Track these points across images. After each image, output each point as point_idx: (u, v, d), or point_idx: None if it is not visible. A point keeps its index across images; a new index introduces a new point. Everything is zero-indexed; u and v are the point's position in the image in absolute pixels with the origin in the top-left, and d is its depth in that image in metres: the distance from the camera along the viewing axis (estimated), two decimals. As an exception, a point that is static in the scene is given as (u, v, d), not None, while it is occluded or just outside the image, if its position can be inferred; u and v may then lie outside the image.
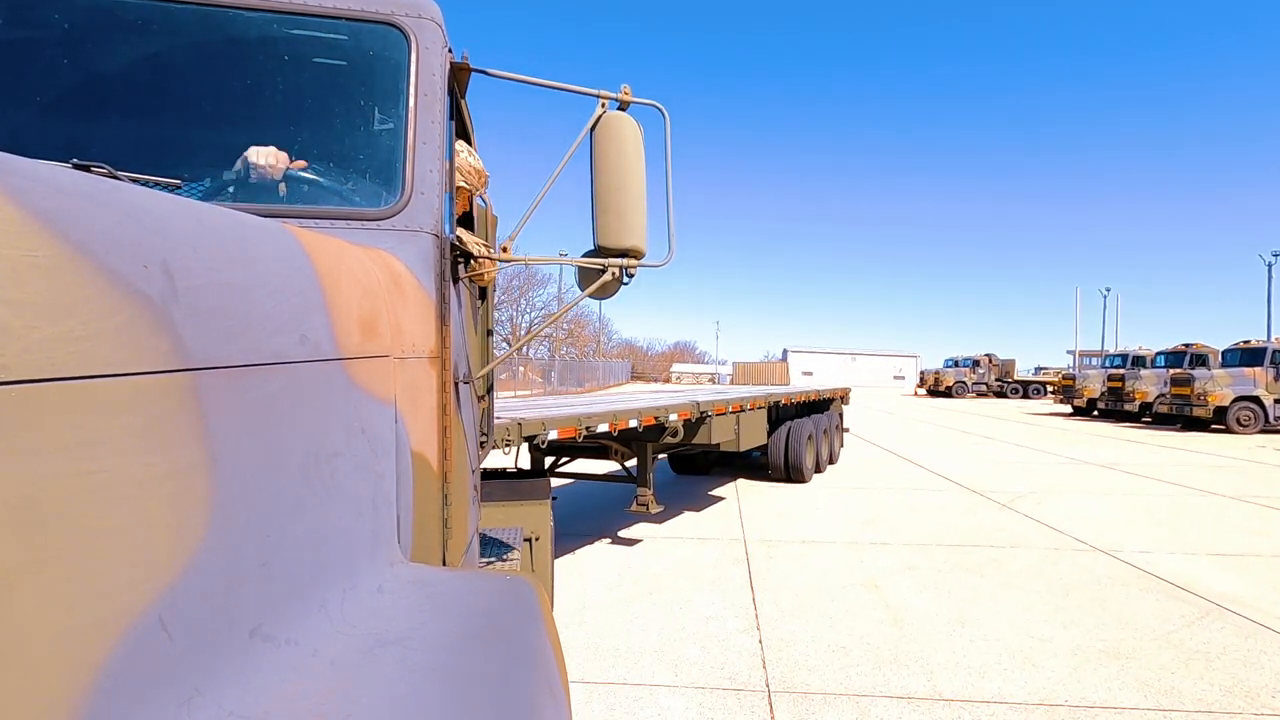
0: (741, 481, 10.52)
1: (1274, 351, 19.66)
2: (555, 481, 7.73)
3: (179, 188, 1.54)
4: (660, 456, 11.17)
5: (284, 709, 0.82)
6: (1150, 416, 23.15)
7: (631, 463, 7.03)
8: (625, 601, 5.16)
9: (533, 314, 54.39)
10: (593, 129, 2.07)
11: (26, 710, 0.59)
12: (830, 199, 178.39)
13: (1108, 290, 47.62)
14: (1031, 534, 7.38)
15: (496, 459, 5.77)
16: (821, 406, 12.26)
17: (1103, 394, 25.58)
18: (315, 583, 1.03)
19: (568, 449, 7.08)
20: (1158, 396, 22.55)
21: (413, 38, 1.81)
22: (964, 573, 5.96)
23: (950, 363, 48.02)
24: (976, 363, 46.51)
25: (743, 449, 8.20)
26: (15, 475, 0.60)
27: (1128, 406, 23.80)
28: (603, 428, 5.67)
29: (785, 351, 74.95)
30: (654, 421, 6.38)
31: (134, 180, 1.31)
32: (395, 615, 1.09)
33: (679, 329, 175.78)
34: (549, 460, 7.23)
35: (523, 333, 55.51)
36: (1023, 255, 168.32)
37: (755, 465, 11.08)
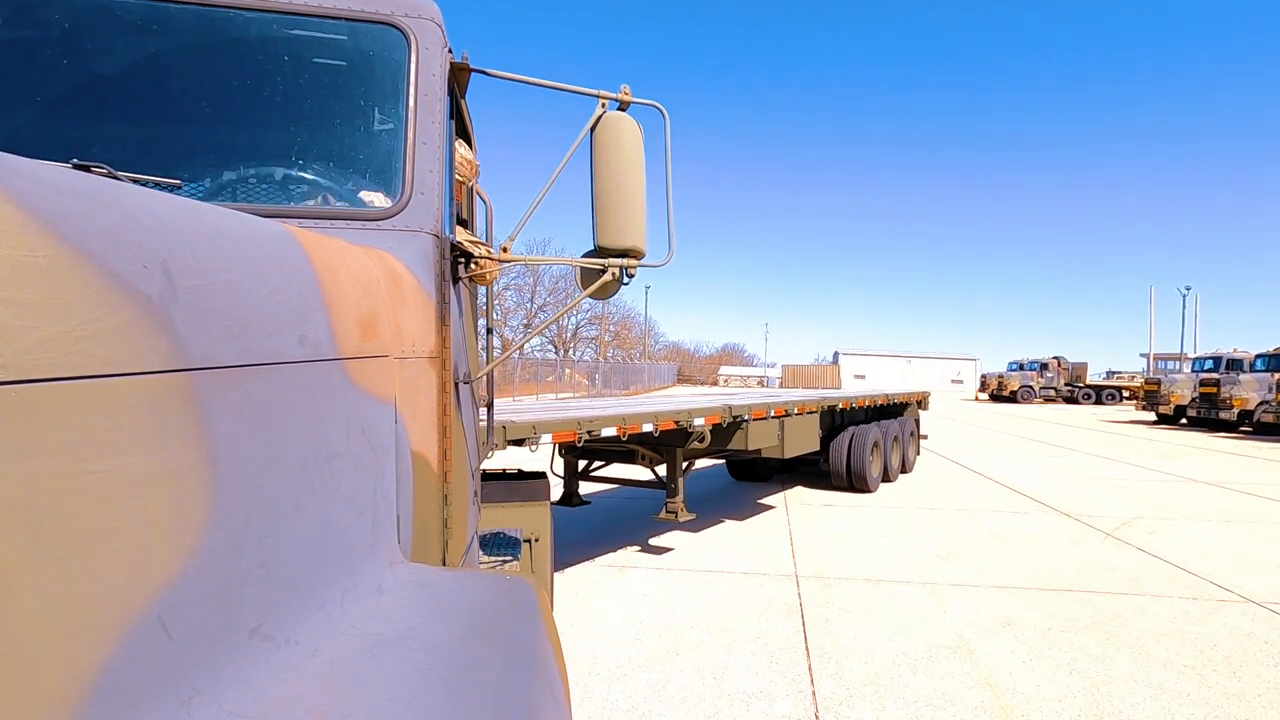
0: (799, 491, 9.57)
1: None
2: (589, 487, 7.34)
3: (179, 188, 1.54)
4: (718, 461, 10.69)
5: (284, 709, 0.82)
6: (1250, 426, 20.85)
7: (663, 468, 6.58)
8: (644, 664, 4.07)
9: (579, 315, 54.59)
10: (593, 129, 2.07)
11: (26, 710, 0.59)
12: (881, 197, 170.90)
13: (1187, 289, 44.48)
14: (1155, 575, 5.92)
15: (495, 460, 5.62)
16: (893, 411, 11.42)
17: (1193, 400, 23.07)
18: (315, 583, 1.03)
19: (601, 453, 6.75)
20: (1260, 404, 20.46)
21: (412, 38, 1.81)
22: (1081, 633, 4.57)
23: (1015, 366, 44.75)
24: (1044, 366, 43.01)
25: (788, 456, 7.63)
26: (15, 475, 0.60)
27: (1223, 415, 21.50)
28: (609, 432, 5.19)
29: (836, 354, 73.39)
30: (674, 426, 5.78)
31: (134, 180, 1.31)
32: (395, 615, 1.09)
33: (727, 331, 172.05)
34: (581, 464, 6.97)
35: (569, 335, 55.53)
36: (1087, 254, 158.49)
37: (821, 473, 10.22)
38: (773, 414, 7.17)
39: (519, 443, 4.50)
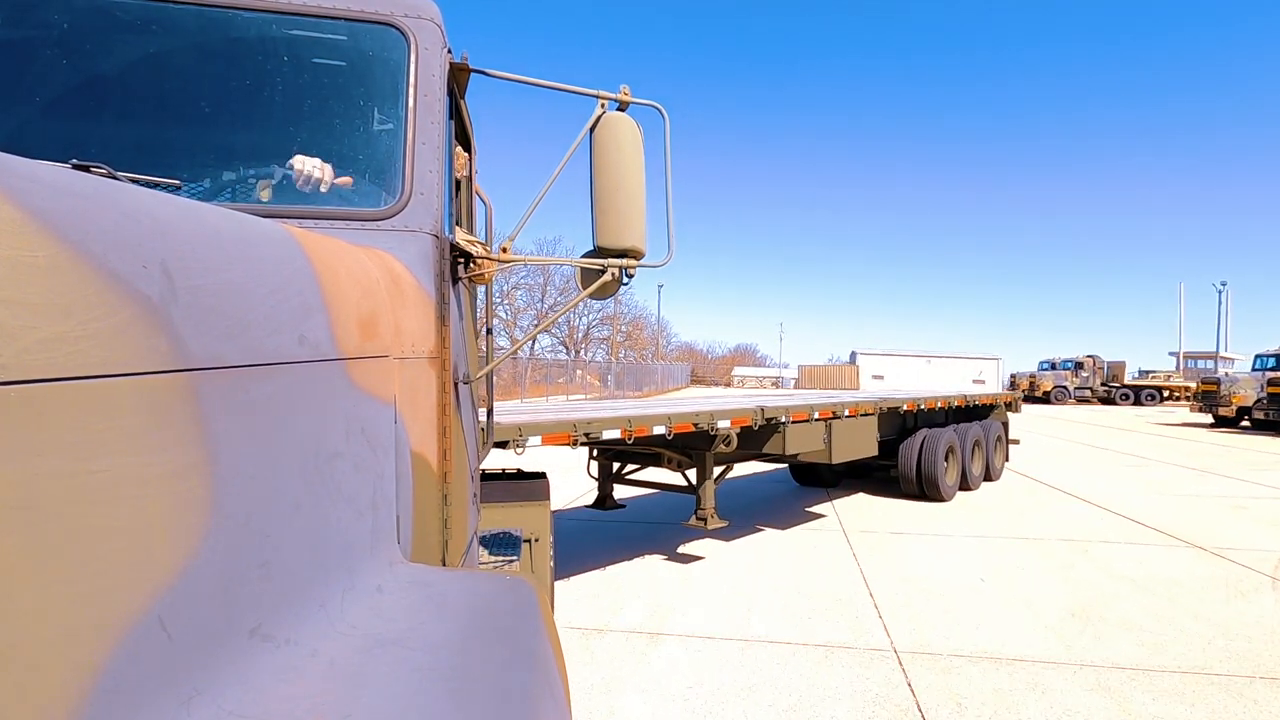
0: (863, 503, 8.58)
1: None
2: (624, 491, 7.07)
3: (179, 188, 1.54)
4: (780, 466, 9.87)
5: (283, 709, 0.82)
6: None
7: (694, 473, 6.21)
8: None
9: (590, 315, 54.45)
10: (592, 129, 2.07)
11: (26, 710, 0.59)
12: (896, 194, 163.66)
13: (1223, 285, 42.23)
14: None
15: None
16: (976, 414, 10.70)
17: (1259, 400, 21.54)
18: (315, 583, 1.03)
19: (635, 456, 6.53)
20: (1340, 405, 19.02)
21: (412, 38, 1.81)
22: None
23: (1046, 365, 42.69)
24: (1079, 365, 41.05)
25: (836, 461, 7.07)
26: (15, 475, 0.60)
27: (1294, 416, 20.06)
28: (611, 434, 4.77)
29: (854, 354, 71.36)
30: (692, 428, 5.25)
31: (134, 180, 1.31)
32: (395, 615, 1.09)
33: (740, 331, 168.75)
34: (615, 467, 6.83)
35: (580, 335, 55.48)
36: (1107, 250, 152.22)
37: (891, 478, 9.39)
38: (816, 416, 6.67)
39: (503, 445, 4.20)
